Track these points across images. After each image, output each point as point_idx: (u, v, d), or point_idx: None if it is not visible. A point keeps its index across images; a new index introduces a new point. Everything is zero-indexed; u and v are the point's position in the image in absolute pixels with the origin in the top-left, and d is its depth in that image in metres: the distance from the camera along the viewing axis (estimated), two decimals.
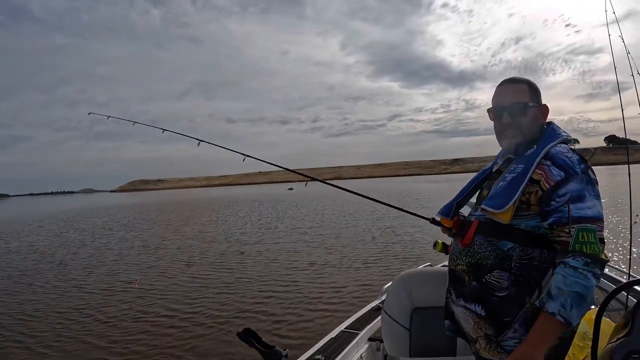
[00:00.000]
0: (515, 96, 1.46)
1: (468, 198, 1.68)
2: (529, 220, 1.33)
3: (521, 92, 1.47)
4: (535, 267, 1.31)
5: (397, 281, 2.14)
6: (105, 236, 18.45)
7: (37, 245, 16.43)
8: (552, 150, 1.36)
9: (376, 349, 2.89)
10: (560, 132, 1.45)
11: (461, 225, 1.56)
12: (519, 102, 1.45)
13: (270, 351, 1.50)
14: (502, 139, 1.53)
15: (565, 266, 1.20)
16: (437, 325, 1.63)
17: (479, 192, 1.64)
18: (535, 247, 1.32)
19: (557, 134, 1.44)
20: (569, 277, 1.18)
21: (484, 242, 1.40)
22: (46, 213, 43.82)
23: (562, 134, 1.43)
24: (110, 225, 23.79)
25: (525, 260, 1.32)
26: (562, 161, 1.31)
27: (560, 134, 1.43)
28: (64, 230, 22.49)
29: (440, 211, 1.70)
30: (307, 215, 23.64)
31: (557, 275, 1.21)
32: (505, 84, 1.51)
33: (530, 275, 1.31)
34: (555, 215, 1.26)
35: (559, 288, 1.18)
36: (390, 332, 2.09)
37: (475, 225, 1.45)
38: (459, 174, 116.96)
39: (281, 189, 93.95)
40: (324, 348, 2.73)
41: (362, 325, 3.10)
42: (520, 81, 1.50)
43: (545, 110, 1.50)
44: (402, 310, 2.07)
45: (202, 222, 23.05)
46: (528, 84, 1.49)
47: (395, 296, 2.11)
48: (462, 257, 1.47)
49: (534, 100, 1.47)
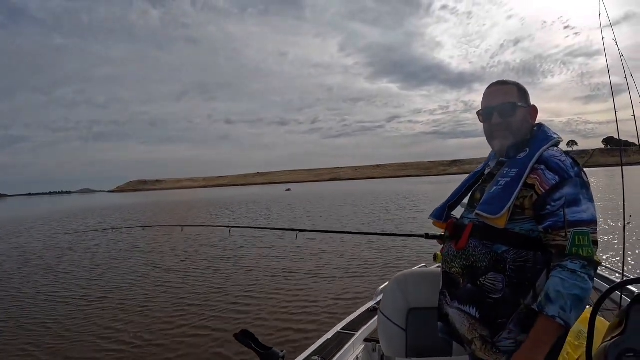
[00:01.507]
0: (504, 97, 1.47)
1: (460, 200, 1.69)
2: (523, 224, 1.34)
3: (510, 93, 1.48)
4: (530, 269, 1.32)
5: (393, 282, 2.14)
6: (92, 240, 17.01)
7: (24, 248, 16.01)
8: (545, 154, 1.36)
9: (372, 349, 2.87)
10: (551, 134, 1.45)
11: (455, 228, 1.55)
12: (507, 103, 1.46)
13: (268, 352, 1.48)
14: (492, 140, 1.53)
15: (563, 269, 1.21)
16: (433, 325, 1.64)
17: (471, 194, 1.63)
18: (529, 249, 1.32)
19: (548, 136, 1.44)
20: (567, 280, 1.19)
21: (479, 245, 1.40)
22: (39, 214, 43.33)
23: (553, 136, 1.44)
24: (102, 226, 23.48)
25: (519, 263, 1.32)
26: (555, 165, 1.31)
27: (552, 137, 1.44)
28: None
29: (433, 214, 1.70)
30: (300, 217, 23.47)
31: (554, 279, 1.21)
32: (494, 86, 1.52)
33: (525, 277, 1.32)
34: (551, 219, 1.27)
35: (558, 291, 1.19)
36: (387, 333, 2.09)
37: (469, 229, 1.45)
38: (457, 175, 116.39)
39: (279, 189, 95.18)
40: (320, 349, 2.73)
41: (357, 326, 3.09)
42: (508, 83, 1.51)
43: (534, 112, 1.51)
44: (398, 310, 2.07)
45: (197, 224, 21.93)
46: (516, 86, 1.50)
47: (391, 297, 2.11)
48: (456, 260, 1.47)
49: (522, 101, 1.48)
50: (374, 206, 27.51)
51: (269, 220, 22.25)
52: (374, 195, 41.63)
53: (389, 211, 23.32)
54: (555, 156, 1.34)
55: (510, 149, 1.47)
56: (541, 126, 1.50)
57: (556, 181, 1.28)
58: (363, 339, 2.96)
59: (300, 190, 77.92)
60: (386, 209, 25.03)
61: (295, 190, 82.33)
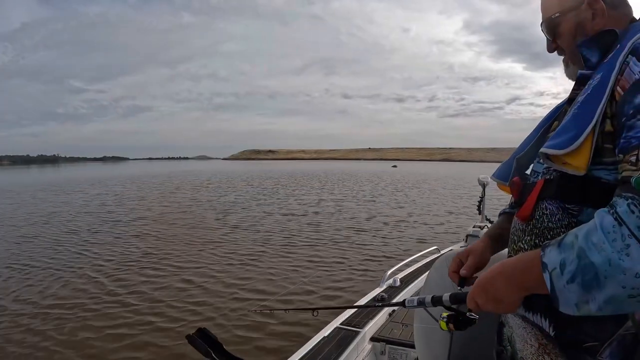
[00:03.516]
0: (544, 12, 1.03)
1: (534, 150, 1.08)
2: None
3: (548, 3, 1.02)
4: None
5: (441, 262, 1.61)
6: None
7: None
8: (639, 40, 0.80)
9: (380, 351, 2.55)
10: None
11: (522, 189, 1.03)
12: (545, 20, 1.02)
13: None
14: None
15: (608, 213, 0.67)
16: (489, 330, 1.11)
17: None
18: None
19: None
20: (596, 232, 0.66)
21: (556, 211, 0.88)
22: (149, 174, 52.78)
23: None
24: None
25: None
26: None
27: None
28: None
29: (496, 173, 1.21)
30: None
31: (589, 223, 0.69)
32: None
33: None
34: (624, 135, 0.73)
35: (575, 237, 0.69)
36: (426, 334, 1.63)
37: (539, 187, 0.93)
38: None
39: (386, 165, 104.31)
40: (314, 352, 2.24)
41: (362, 321, 2.67)
42: None
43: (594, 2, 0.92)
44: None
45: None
46: None
47: (436, 282, 1.58)
48: (524, 237, 0.96)
49: (566, 3, 0.97)
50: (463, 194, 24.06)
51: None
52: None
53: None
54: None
55: (586, 52, 0.93)
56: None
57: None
58: (369, 338, 2.58)
59: (404, 169, 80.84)
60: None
61: (401, 168, 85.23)
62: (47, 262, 7.90)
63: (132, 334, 4.66)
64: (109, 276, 6.91)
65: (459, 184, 30.86)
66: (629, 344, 0.79)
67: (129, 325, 4.89)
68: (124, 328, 4.82)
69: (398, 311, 2.89)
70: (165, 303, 5.61)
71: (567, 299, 0.69)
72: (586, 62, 0.94)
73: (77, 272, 7.21)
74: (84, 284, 6.56)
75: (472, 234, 4.01)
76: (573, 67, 1.01)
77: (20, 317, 5.18)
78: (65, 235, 10.77)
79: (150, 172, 58.34)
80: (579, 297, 0.67)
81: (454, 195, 22.06)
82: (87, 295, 5.98)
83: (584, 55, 0.94)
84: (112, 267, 7.51)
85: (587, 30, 0.95)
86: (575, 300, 0.68)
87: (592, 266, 0.64)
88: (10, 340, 4.54)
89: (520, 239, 0.98)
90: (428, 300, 1.06)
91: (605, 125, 0.79)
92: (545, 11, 1.02)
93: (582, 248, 0.66)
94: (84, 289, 6.28)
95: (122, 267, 7.49)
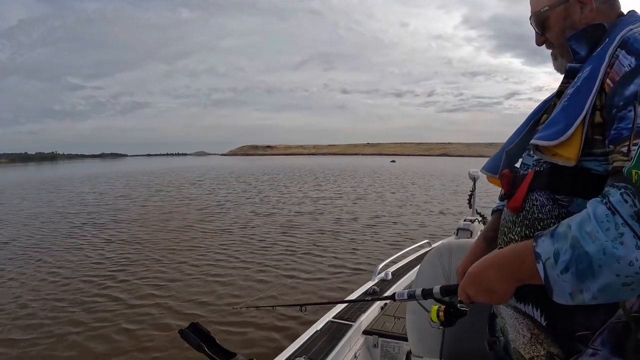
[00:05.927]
0: (533, 6, 1.04)
1: (523, 143, 1.09)
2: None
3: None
4: None
5: (432, 255, 1.73)
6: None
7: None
8: (628, 34, 0.82)
9: (373, 344, 2.56)
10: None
11: (512, 181, 1.04)
12: (534, 14, 1.04)
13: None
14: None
15: (600, 202, 0.68)
16: (481, 321, 1.15)
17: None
18: None
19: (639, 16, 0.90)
20: (590, 222, 0.66)
21: (546, 202, 0.89)
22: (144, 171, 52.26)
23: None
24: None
25: None
26: (637, 43, 0.78)
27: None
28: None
29: (486, 167, 1.20)
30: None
31: (582, 213, 0.70)
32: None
33: None
34: (616, 126, 0.75)
35: (568, 227, 0.70)
36: (418, 327, 1.71)
37: (529, 179, 0.94)
38: None
39: (385, 160, 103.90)
40: (306, 345, 2.26)
41: (355, 314, 2.67)
42: None
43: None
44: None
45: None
46: None
47: (429, 274, 1.70)
48: (514, 229, 0.97)
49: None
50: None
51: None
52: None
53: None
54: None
55: (575, 45, 0.94)
56: (631, 13, 0.94)
57: (632, 66, 0.77)
58: (361, 331, 2.58)
59: (403, 163, 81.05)
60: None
61: (400, 163, 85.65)
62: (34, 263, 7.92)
63: (121, 329, 4.69)
64: (102, 276, 6.94)
65: (455, 179, 31.01)
66: (620, 333, 0.80)
67: (117, 321, 4.91)
68: (108, 323, 4.84)
69: (390, 304, 2.89)
70: (154, 300, 5.63)
71: (561, 288, 0.69)
72: (575, 55, 0.95)
73: (71, 271, 7.23)
74: (82, 283, 6.57)
75: (463, 227, 3.99)
76: (562, 60, 1.02)
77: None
78: (73, 229, 10.80)
79: (147, 169, 58.41)
80: (574, 287, 0.68)
81: (449, 192, 22.21)
82: (81, 293, 6.00)
83: (573, 49, 0.96)
84: (109, 265, 7.58)
85: (575, 24, 0.97)
86: (569, 289, 0.68)
87: (587, 255, 0.65)
88: None
89: (510, 230, 0.99)
90: (418, 293, 1.07)
91: (595, 116, 0.80)
92: (535, 5, 1.04)
93: (576, 237, 0.67)
94: (79, 288, 6.30)
95: (114, 265, 7.55)
